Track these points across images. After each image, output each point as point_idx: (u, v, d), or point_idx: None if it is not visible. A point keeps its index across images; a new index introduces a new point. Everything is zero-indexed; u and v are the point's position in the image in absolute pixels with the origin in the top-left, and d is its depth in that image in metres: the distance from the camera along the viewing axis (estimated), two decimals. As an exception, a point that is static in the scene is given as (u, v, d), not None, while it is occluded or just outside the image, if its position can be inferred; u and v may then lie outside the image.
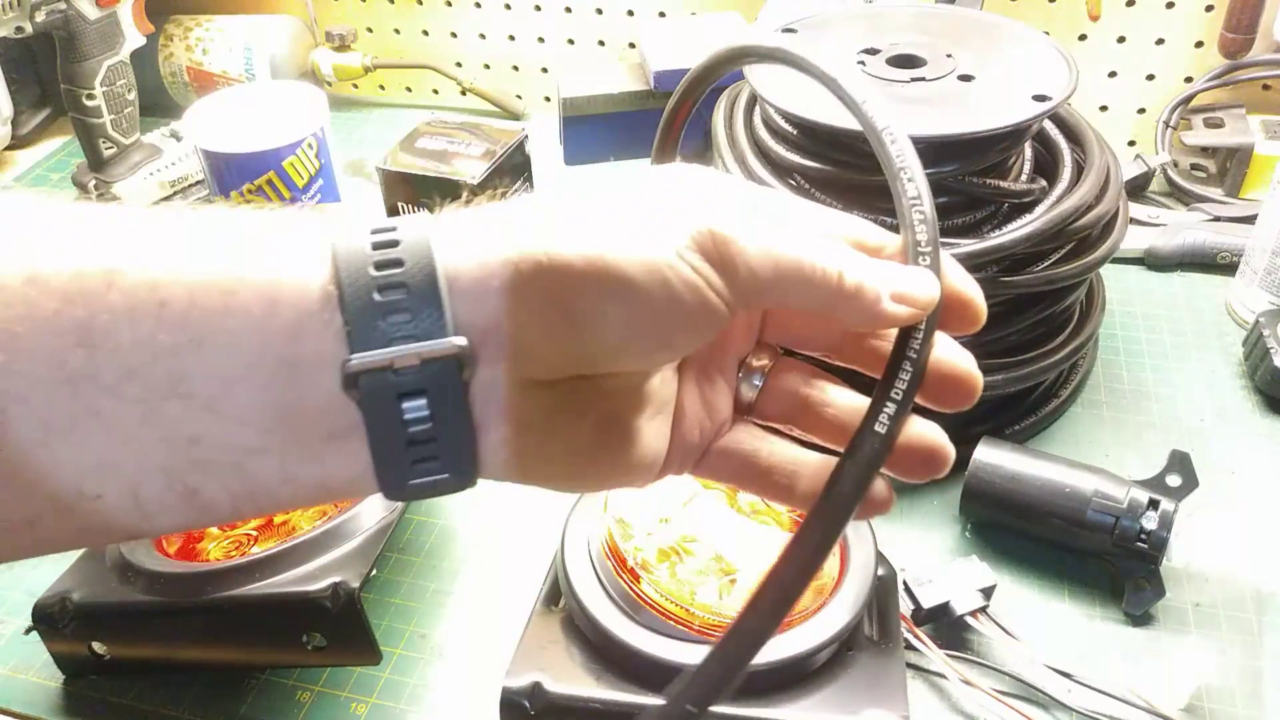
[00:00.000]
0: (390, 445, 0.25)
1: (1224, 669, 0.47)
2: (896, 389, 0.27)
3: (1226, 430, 0.61)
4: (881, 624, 0.46)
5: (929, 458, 0.28)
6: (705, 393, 0.30)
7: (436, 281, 0.24)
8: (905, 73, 0.58)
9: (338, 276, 0.24)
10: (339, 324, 0.24)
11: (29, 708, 0.49)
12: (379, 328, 0.24)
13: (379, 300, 0.24)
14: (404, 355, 0.24)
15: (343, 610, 0.43)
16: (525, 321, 0.25)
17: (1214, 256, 0.74)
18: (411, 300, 0.24)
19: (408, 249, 0.25)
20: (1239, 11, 0.81)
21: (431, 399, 0.25)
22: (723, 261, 0.26)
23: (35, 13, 0.77)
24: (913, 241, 0.28)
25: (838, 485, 0.25)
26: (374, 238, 0.25)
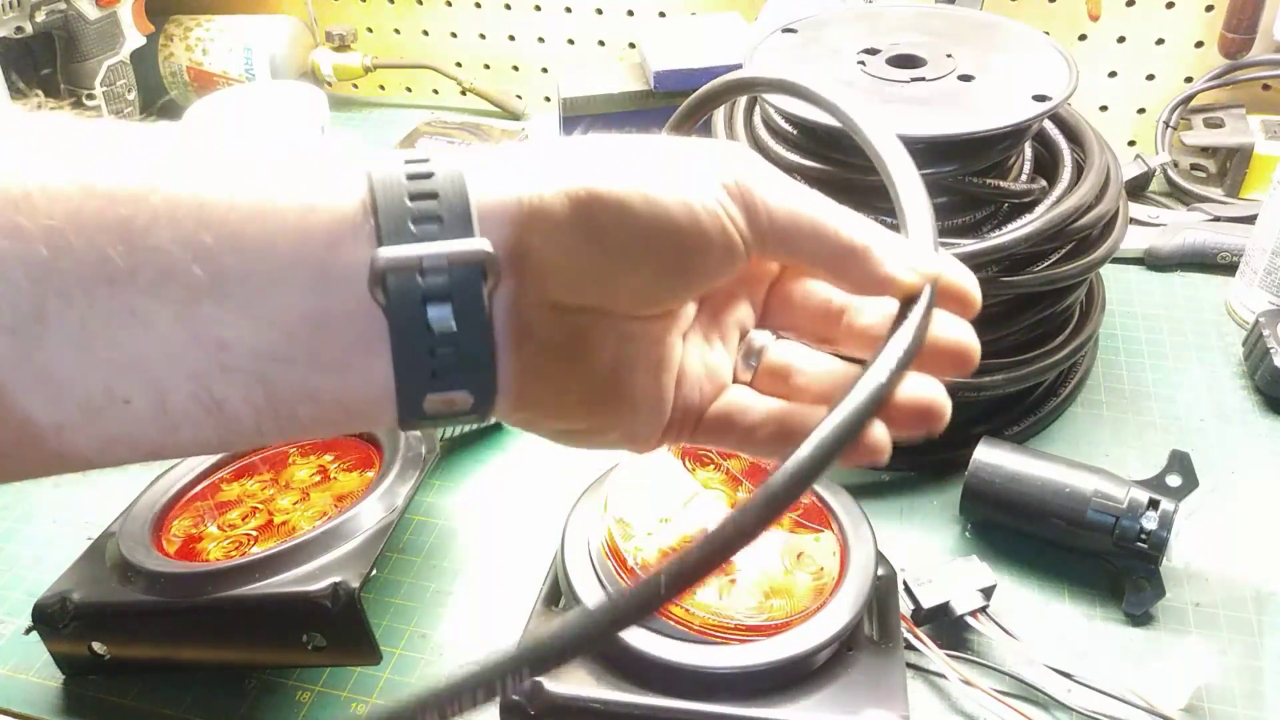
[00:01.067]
0: (413, 354, 0.25)
1: (1224, 669, 0.47)
2: (897, 342, 0.27)
3: (1226, 430, 0.61)
4: (882, 624, 0.46)
5: (926, 411, 0.28)
6: (707, 357, 0.31)
7: (467, 198, 0.25)
8: (905, 73, 0.58)
9: (373, 192, 0.25)
10: (371, 229, 0.25)
11: (29, 708, 0.49)
12: (410, 230, 0.25)
13: (411, 206, 0.25)
14: (433, 255, 0.25)
15: (343, 610, 0.43)
16: (553, 241, 0.26)
17: (1214, 256, 0.74)
18: (442, 209, 0.25)
19: (441, 177, 0.25)
20: (1239, 11, 0.81)
21: (457, 305, 0.25)
22: (747, 205, 0.27)
23: (35, 13, 0.77)
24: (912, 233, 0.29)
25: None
26: (409, 167, 0.26)
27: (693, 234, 0.26)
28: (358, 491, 0.50)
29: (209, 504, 0.52)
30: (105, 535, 0.51)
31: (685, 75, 0.79)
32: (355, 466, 0.53)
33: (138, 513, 0.51)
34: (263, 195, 0.24)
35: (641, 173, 0.27)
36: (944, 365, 0.29)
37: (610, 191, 0.26)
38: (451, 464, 0.62)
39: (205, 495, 0.53)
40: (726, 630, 0.42)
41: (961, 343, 0.29)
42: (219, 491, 0.53)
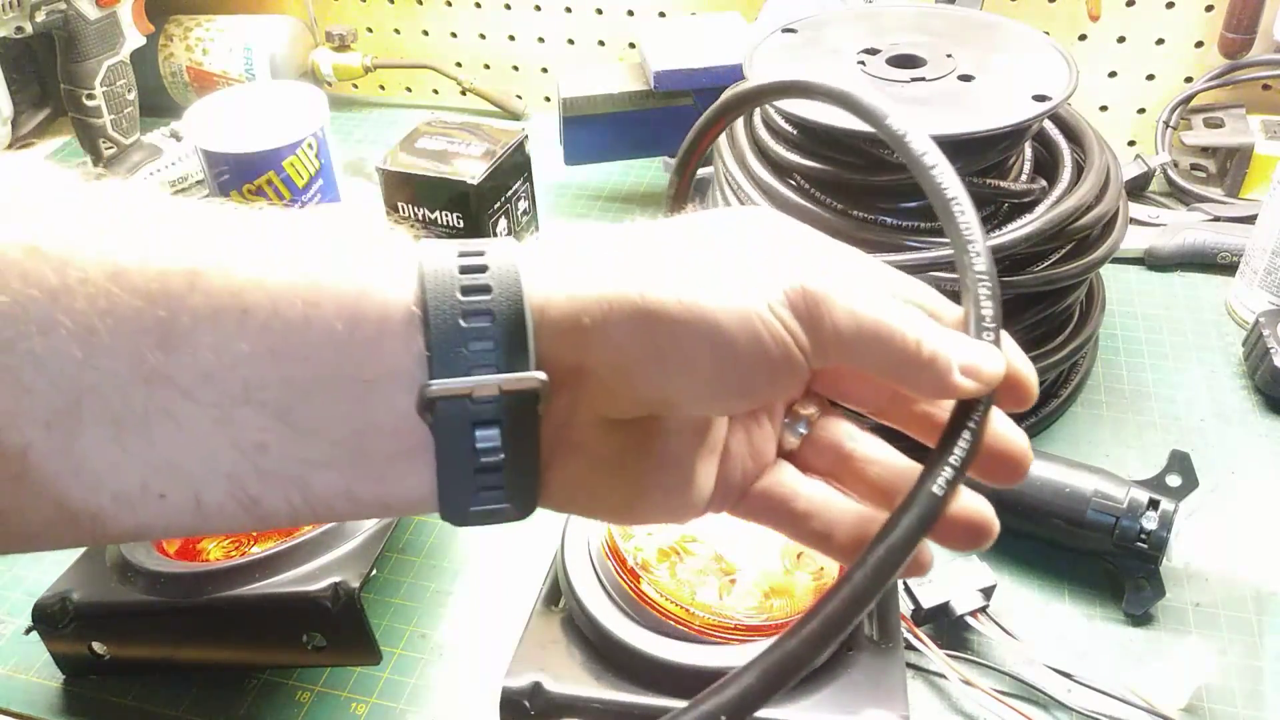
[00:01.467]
0: (458, 472, 0.25)
1: (1224, 669, 0.47)
2: (955, 455, 0.27)
3: (1226, 430, 0.61)
4: (881, 624, 0.46)
5: (977, 530, 0.28)
6: (752, 434, 0.30)
7: (523, 311, 0.24)
8: (905, 73, 0.58)
9: (423, 298, 0.24)
10: (420, 346, 0.24)
11: (29, 708, 0.49)
12: (461, 354, 0.24)
13: (464, 326, 0.24)
14: (485, 385, 0.24)
15: (343, 610, 0.43)
16: (611, 361, 0.25)
17: (1214, 256, 0.74)
18: (496, 329, 0.24)
19: (496, 275, 0.25)
20: (1239, 11, 0.81)
21: (505, 430, 0.25)
22: (812, 320, 0.26)
23: (35, 13, 0.77)
24: (977, 316, 0.28)
25: (890, 536, 0.25)
26: (462, 260, 0.25)
27: (754, 355, 0.26)
28: (358, 491, 0.50)
29: (209, 504, 0.52)
30: (105, 535, 0.51)
31: (685, 75, 0.79)
32: (355, 466, 0.53)
33: (138, 513, 0.51)
34: (308, 295, 0.24)
35: (704, 284, 0.26)
36: (997, 472, 0.28)
37: (672, 310, 0.25)
38: (451, 464, 0.62)
39: (205, 495, 0.53)
40: (727, 630, 0.42)
41: (1015, 448, 0.28)
42: (219, 491, 0.53)
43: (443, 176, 0.62)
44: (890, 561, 0.25)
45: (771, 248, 0.27)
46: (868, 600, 0.25)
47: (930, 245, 0.54)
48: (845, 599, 0.25)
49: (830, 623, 0.24)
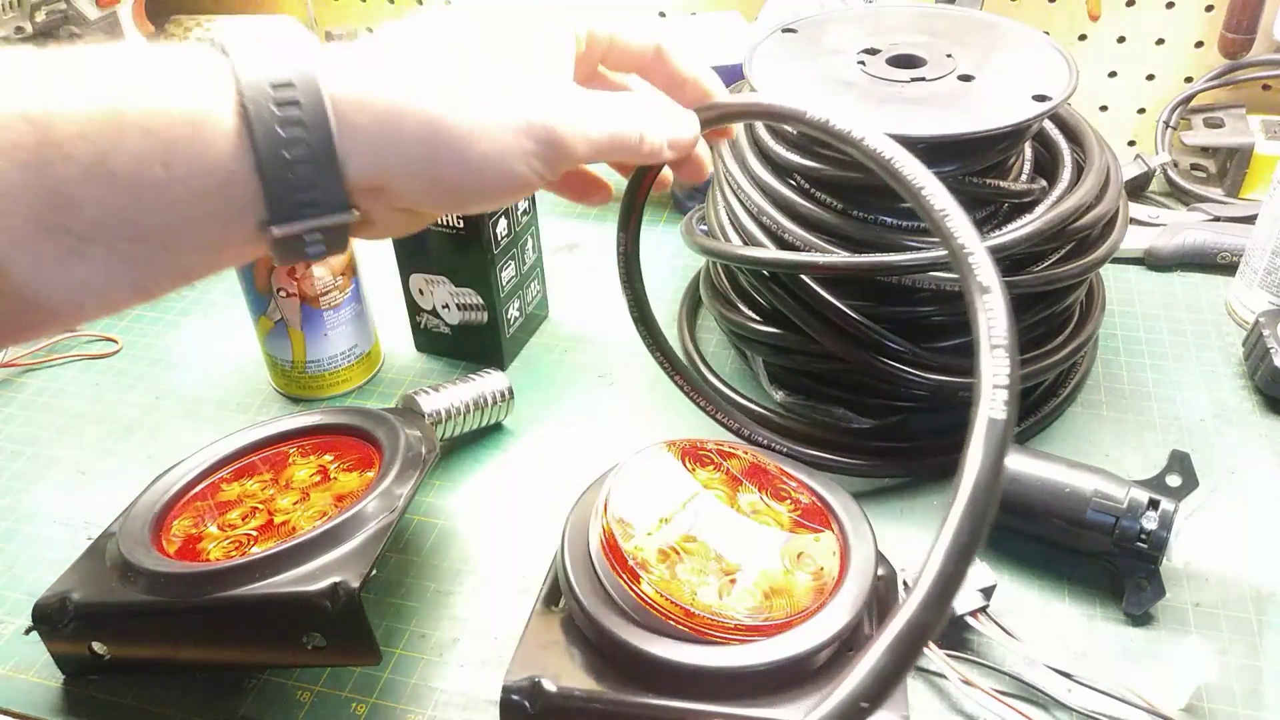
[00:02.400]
0: (291, 259, 0.34)
1: (1224, 669, 0.47)
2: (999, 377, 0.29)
3: (1226, 430, 0.61)
4: (882, 624, 0.46)
5: None
6: None
7: (336, 161, 0.32)
8: (905, 73, 0.58)
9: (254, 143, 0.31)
10: (259, 188, 0.32)
11: (28, 708, 0.49)
12: (293, 200, 0.32)
13: (292, 179, 0.32)
14: (312, 228, 0.33)
15: (343, 610, 0.43)
16: (398, 187, 0.34)
17: (1214, 256, 0.74)
18: (317, 176, 0.32)
19: (310, 123, 0.32)
20: (1239, 11, 0.81)
21: (327, 244, 0.34)
22: (554, 155, 0.36)
23: (35, 12, 0.77)
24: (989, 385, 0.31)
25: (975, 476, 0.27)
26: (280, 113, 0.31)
27: (502, 189, 0.36)
28: (358, 491, 0.50)
29: (209, 504, 0.52)
30: (105, 535, 0.51)
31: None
32: (355, 467, 0.53)
33: (138, 513, 0.51)
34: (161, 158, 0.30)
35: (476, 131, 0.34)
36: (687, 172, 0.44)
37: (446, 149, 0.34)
38: (451, 464, 0.62)
39: (205, 495, 0.53)
40: (727, 630, 0.42)
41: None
42: (219, 491, 0.53)
43: (443, 176, 0.63)
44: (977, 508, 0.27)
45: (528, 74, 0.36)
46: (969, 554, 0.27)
47: (931, 245, 0.54)
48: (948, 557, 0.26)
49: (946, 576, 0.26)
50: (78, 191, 0.30)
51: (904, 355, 0.56)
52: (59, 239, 0.30)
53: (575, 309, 0.75)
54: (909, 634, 0.26)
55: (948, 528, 0.27)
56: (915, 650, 0.26)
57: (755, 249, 0.58)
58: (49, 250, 0.30)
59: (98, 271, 0.31)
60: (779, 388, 0.64)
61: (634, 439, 0.58)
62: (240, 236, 0.33)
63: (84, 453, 0.65)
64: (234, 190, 0.32)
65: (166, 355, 0.73)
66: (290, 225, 0.32)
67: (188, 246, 0.33)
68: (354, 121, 0.32)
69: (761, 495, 0.49)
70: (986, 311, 0.31)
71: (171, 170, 0.30)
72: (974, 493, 0.27)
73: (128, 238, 0.31)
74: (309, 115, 0.31)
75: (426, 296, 0.69)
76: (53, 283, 0.31)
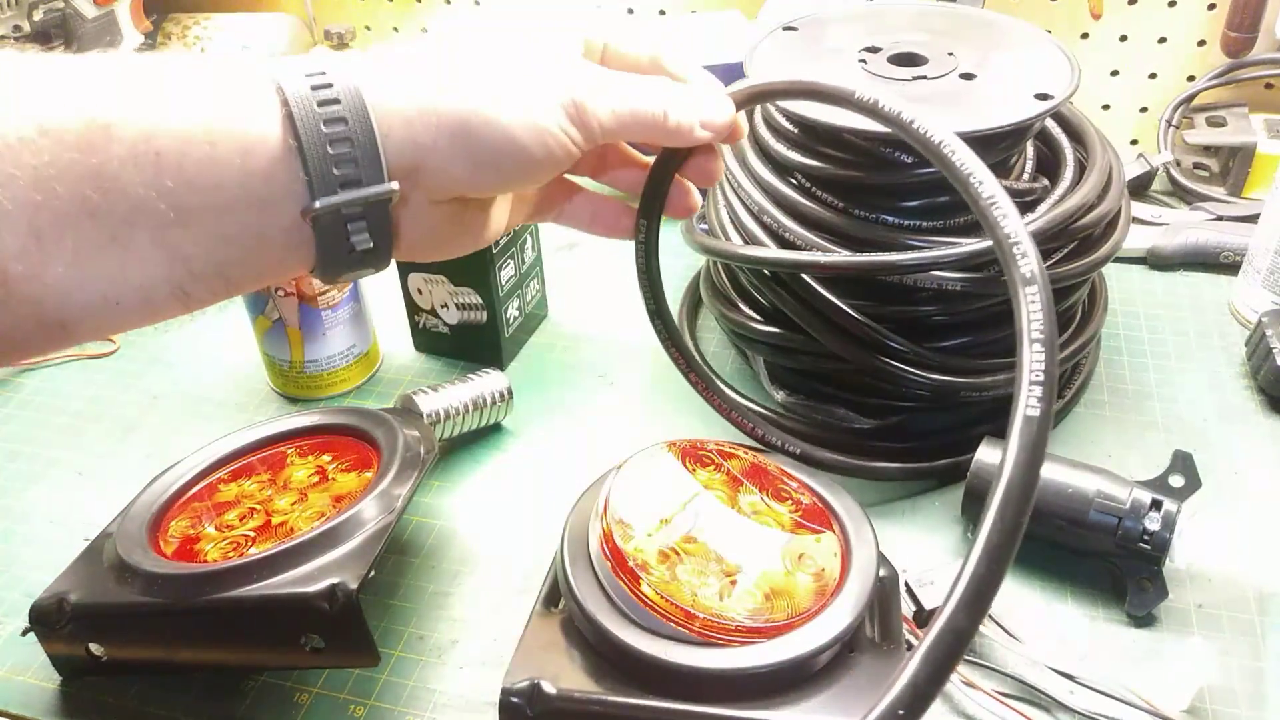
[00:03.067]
0: (337, 256, 0.35)
1: (1227, 670, 0.47)
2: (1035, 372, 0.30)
3: (1229, 431, 0.61)
4: (883, 625, 0.45)
5: None
6: None
7: (374, 137, 0.33)
8: (907, 71, 0.57)
9: (296, 132, 0.32)
10: (300, 171, 0.32)
11: (26, 709, 0.49)
12: (332, 175, 0.32)
13: (331, 153, 0.32)
14: (352, 200, 0.33)
15: (341, 612, 0.42)
16: (437, 164, 0.35)
17: (1217, 256, 0.74)
18: (356, 152, 0.33)
19: (348, 107, 0.33)
20: (1241, 10, 0.81)
21: (369, 224, 0.34)
22: (583, 123, 0.37)
23: (33, 11, 0.77)
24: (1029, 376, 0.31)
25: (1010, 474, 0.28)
26: (317, 95, 0.32)
27: (541, 156, 0.36)
28: (356, 492, 0.50)
29: (207, 505, 0.52)
30: (103, 536, 0.51)
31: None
32: (354, 467, 0.53)
33: (135, 513, 0.50)
34: (206, 136, 0.31)
35: (505, 100, 0.35)
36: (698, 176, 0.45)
37: (488, 129, 0.35)
38: (451, 464, 0.62)
39: (203, 496, 0.52)
40: (727, 631, 0.42)
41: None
42: (216, 492, 0.53)
43: (442, 175, 0.63)
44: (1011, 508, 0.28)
45: (547, 63, 0.38)
46: (1005, 557, 0.27)
47: (931, 244, 0.53)
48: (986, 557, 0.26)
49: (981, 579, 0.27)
50: (123, 173, 0.30)
51: (905, 355, 0.55)
52: (101, 223, 0.30)
53: (575, 309, 0.75)
54: (948, 641, 0.26)
55: (983, 529, 0.27)
56: (956, 656, 0.26)
57: (756, 248, 0.58)
58: (90, 235, 0.30)
59: (137, 264, 0.31)
60: (780, 388, 0.63)
61: (634, 439, 0.58)
62: (283, 223, 0.33)
63: (82, 453, 0.65)
64: (276, 171, 0.32)
65: (165, 355, 0.73)
66: (330, 198, 0.32)
67: (231, 235, 0.32)
68: (389, 107, 0.33)
69: (762, 496, 0.49)
70: (1029, 304, 0.31)
71: (216, 149, 0.31)
72: (1007, 492, 0.27)
73: (170, 223, 0.31)
74: (345, 98, 0.32)
75: (425, 296, 0.68)
76: (92, 275, 0.31)
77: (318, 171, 0.32)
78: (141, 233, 0.30)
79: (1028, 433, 0.28)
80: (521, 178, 0.38)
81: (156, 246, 0.31)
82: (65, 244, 0.30)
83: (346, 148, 0.32)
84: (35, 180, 0.29)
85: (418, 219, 0.37)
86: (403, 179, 0.34)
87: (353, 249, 0.34)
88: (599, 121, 0.38)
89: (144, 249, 0.31)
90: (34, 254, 0.29)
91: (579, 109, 0.37)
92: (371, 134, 0.33)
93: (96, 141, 0.29)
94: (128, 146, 0.30)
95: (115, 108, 0.30)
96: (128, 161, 0.30)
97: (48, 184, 0.29)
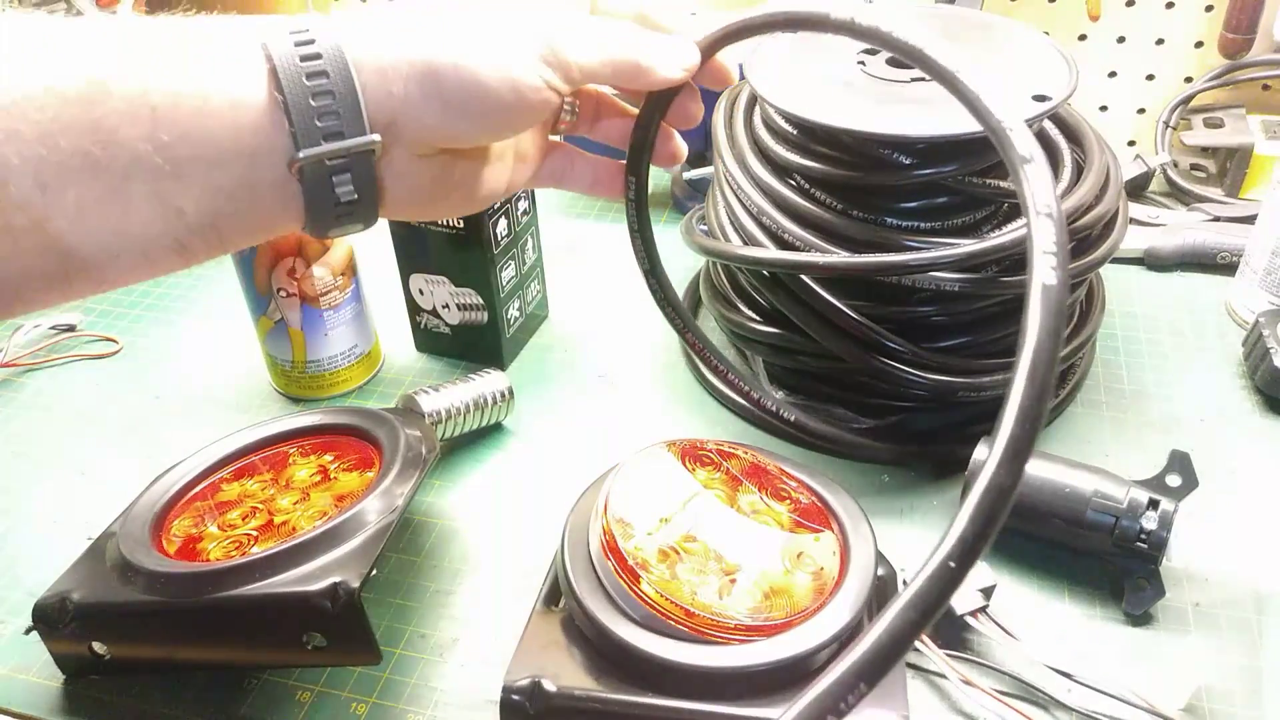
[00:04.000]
0: (323, 209, 0.36)
1: (1224, 669, 0.47)
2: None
3: (1226, 430, 0.61)
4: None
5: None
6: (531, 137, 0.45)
7: (356, 92, 0.34)
8: (905, 73, 0.58)
9: (279, 84, 0.33)
10: (285, 124, 0.33)
11: (29, 708, 0.49)
12: (315, 128, 0.34)
13: (314, 106, 0.34)
14: (336, 151, 0.34)
15: (343, 610, 0.43)
16: (412, 114, 0.36)
17: (1214, 256, 0.74)
18: (338, 105, 0.34)
19: (329, 61, 0.34)
20: (1239, 12, 0.81)
21: (354, 176, 0.35)
22: (561, 67, 0.38)
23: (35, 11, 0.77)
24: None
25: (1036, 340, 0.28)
26: (299, 50, 0.34)
27: (512, 101, 0.37)
28: (358, 491, 0.50)
29: (209, 504, 0.52)
30: (105, 535, 0.51)
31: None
32: (355, 466, 0.53)
33: (138, 513, 0.51)
34: (198, 92, 0.32)
35: (475, 48, 0.36)
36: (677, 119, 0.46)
37: (455, 73, 0.35)
38: (451, 464, 0.62)
39: (205, 495, 0.53)
40: (726, 630, 0.42)
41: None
42: (219, 491, 0.53)
43: (443, 176, 0.63)
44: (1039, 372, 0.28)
45: (522, 12, 0.38)
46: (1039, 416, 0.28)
47: (930, 245, 0.54)
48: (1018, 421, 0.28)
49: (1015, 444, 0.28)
50: (122, 127, 0.31)
51: (904, 355, 0.56)
52: (102, 176, 0.31)
53: (575, 309, 0.75)
54: (992, 496, 0.27)
55: (1013, 394, 0.28)
56: (1001, 512, 0.27)
57: (755, 249, 0.58)
58: (92, 188, 0.31)
59: (136, 217, 0.32)
60: (779, 387, 0.64)
61: (634, 439, 0.58)
62: (272, 175, 0.34)
63: (85, 452, 0.65)
64: (264, 124, 0.33)
65: (166, 355, 0.73)
66: (314, 149, 0.34)
67: (223, 188, 0.33)
68: (365, 60, 0.35)
69: (761, 495, 0.49)
70: (1029, 181, 0.32)
71: (208, 104, 0.32)
72: (1035, 356, 0.28)
73: (167, 175, 0.32)
74: (327, 53, 0.34)
75: (426, 296, 0.69)
76: (93, 227, 0.32)
77: (301, 123, 0.33)
78: (140, 185, 0.32)
79: (1048, 300, 0.29)
80: (496, 125, 0.38)
81: (154, 199, 0.32)
82: (68, 196, 0.31)
83: (329, 100, 0.33)
84: (40, 135, 0.30)
85: (403, 173, 0.37)
86: (383, 131, 0.35)
87: (338, 201, 0.35)
88: (577, 64, 0.38)
89: (142, 202, 0.32)
90: (39, 206, 0.31)
91: (555, 52, 0.37)
92: (352, 86, 0.34)
93: (96, 97, 0.31)
94: (125, 102, 0.31)
95: (114, 66, 0.31)
96: (125, 116, 0.31)
97: (52, 138, 0.30)
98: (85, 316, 0.77)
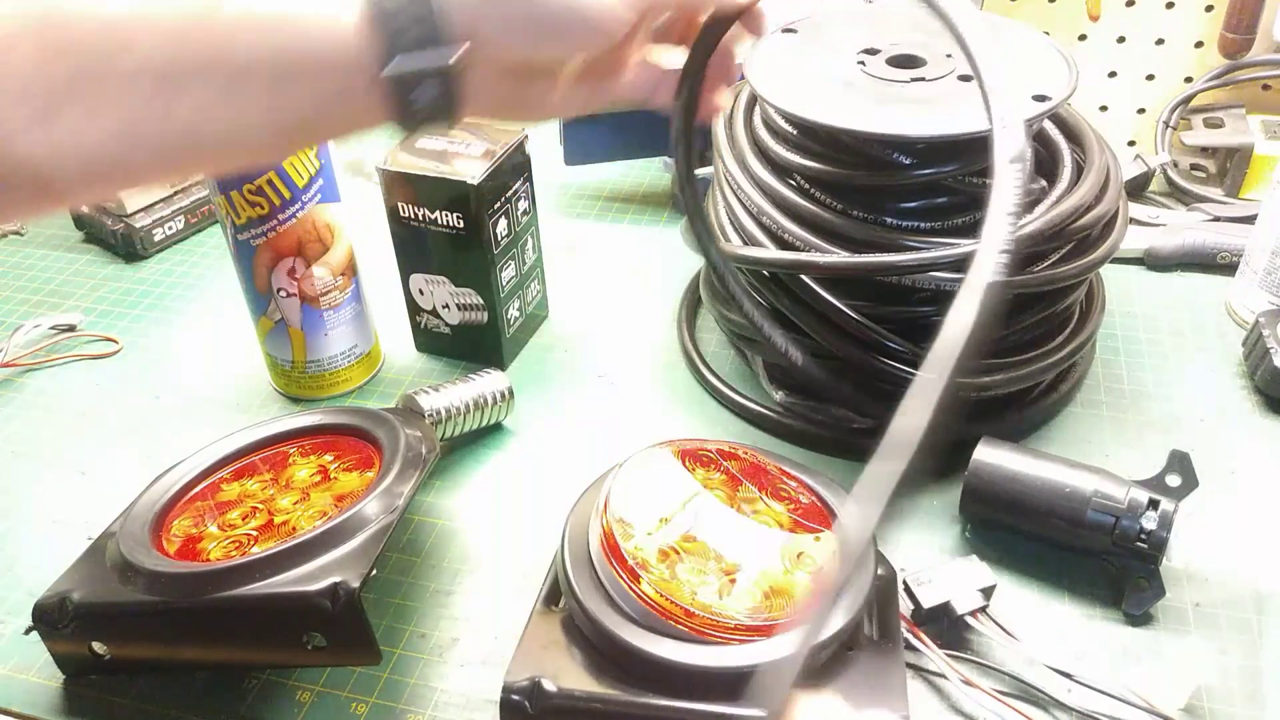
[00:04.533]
0: (410, 110, 0.39)
1: (1224, 669, 0.47)
2: None
3: (1226, 430, 0.61)
4: (881, 624, 0.46)
5: None
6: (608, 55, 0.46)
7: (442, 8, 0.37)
8: (905, 73, 0.58)
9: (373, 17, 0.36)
10: (378, 46, 0.37)
11: (29, 708, 0.49)
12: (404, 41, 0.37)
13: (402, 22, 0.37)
14: (421, 66, 0.37)
15: (343, 610, 0.43)
16: (495, 30, 0.38)
17: (1214, 256, 0.74)
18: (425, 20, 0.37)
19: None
20: (1239, 11, 0.81)
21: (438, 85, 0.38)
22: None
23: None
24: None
25: None
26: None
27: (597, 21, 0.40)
28: (358, 491, 0.50)
29: (209, 504, 0.52)
30: (105, 535, 0.51)
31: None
32: (355, 466, 0.53)
33: (138, 513, 0.51)
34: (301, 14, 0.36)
35: None
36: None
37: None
38: (451, 464, 0.62)
39: (205, 495, 0.53)
40: (726, 630, 0.42)
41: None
42: (219, 491, 0.53)
43: (443, 176, 0.62)
44: None
45: None
46: None
47: (930, 245, 0.54)
48: None
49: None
50: (235, 35, 0.36)
51: (903, 355, 0.56)
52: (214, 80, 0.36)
53: (575, 309, 0.75)
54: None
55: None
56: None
57: (755, 249, 0.58)
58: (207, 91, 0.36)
59: (246, 116, 0.37)
60: (779, 388, 0.64)
61: (634, 439, 0.58)
62: (363, 81, 0.37)
63: (85, 452, 0.65)
64: (356, 39, 0.37)
65: (166, 355, 0.73)
66: (401, 62, 0.37)
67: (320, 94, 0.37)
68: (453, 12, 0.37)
69: (761, 495, 0.49)
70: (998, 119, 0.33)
71: (306, 19, 0.36)
72: None
73: (275, 75, 0.36)
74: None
75: (427, 297, 0.69)
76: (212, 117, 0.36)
77: (391, 38, 0.37)
78: (251, 86, 0.36)
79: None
80: (578, 43, 0.41)
81: (261, 100, 0.37)
82: (190, 94, 0.36)
83: (416, 15, 0.37)
84: (163, 40, 0.35)
85: (483, 83, 0.40)
86: (468, 54, 0.38)
87: (422, 107, 0.38)
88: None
89: (252, 101, 0.36)
90: (159, 104, 0.35)
91: None
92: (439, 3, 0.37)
93: (210, 8, 0.35)
94: (235, 16, 0.36)
95: None
96: (236, 27, 0.36)
97: (175, 42, 0.35)
98: (85, 317, 0.77)
